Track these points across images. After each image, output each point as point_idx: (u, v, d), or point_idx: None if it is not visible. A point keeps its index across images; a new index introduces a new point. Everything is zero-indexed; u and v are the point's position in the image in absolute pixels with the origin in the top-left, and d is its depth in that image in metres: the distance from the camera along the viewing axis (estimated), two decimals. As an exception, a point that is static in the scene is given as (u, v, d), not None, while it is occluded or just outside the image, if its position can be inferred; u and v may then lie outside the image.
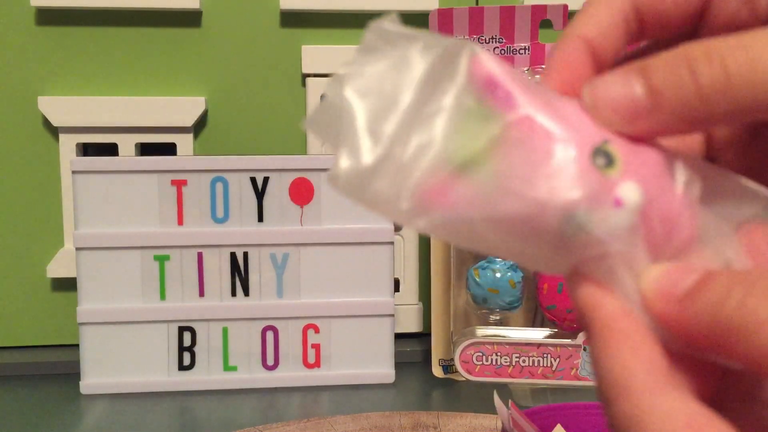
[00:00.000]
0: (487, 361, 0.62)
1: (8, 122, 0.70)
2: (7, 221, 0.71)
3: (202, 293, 0.64)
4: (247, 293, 0.64)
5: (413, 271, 0.73)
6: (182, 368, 0.64)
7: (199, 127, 0.72)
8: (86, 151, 0.71)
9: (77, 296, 0.63)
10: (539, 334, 0.63)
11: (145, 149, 0.72)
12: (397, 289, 0.67)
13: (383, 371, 0.65)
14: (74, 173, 0.62)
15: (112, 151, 0.70)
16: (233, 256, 0.64)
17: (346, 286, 0.65)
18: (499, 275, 0.62)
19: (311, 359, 0.65)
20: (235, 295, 0.64)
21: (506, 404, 0.41)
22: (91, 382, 0.63)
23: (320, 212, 0.64)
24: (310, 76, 0.71)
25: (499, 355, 0.62)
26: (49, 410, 0.60)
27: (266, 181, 0.63)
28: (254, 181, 0.63)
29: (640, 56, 0.20)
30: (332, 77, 0.18)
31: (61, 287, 0.72)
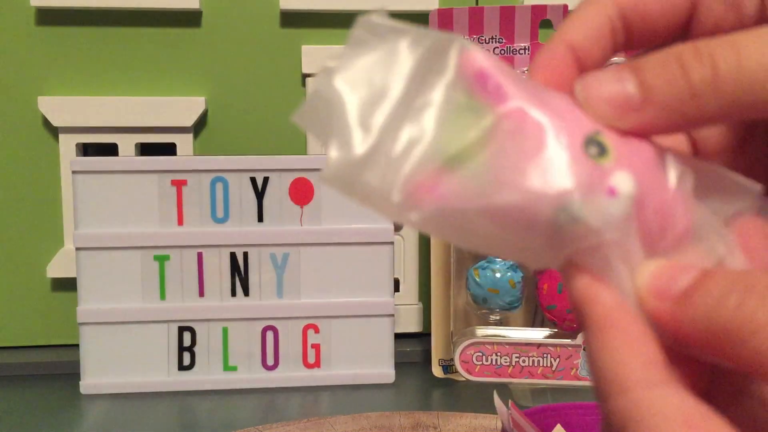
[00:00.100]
0: (487, 361, 0.62)
1: (8, 122, 0.70)
2: (7, 221, 0.71)
3: (202, 293, 0.64)
4: (247, 293, 0.64)
5: (413, 271, 0.73)
6: (182, 368, 0.64)
7: (199, 127, 0.72)
8: (86, 151, 0.71)
9: (77, 296, 0.63)
10: (539, 334, 0.63)
11: (145, 149, 0.72)
12: (397, 289, 0.67)
13: (383, 371, 0.65)
14: (74, 173, 0.62)
15: (112, 151, 0.70)
16: (233, 256, 0.64)
17: (346, 286, 0.65)
18: (499, 275, 0.62)
19: (311, 359, 0.65)
20: (235, 295, 0.64)
21: (506, 404, 0.41)
22: (91, 382, 0.63)
23: (320, 212, 0.64)
24: (310, 76, 0.71)
25: (499, 355, 0.62)
26: (49, 410, 0.60)
27: (266, 181, 0.63)
28: (254, 181, 0.63)
29: None
30: (321, 70, 0.18)
31: (61, 287, 0.72)
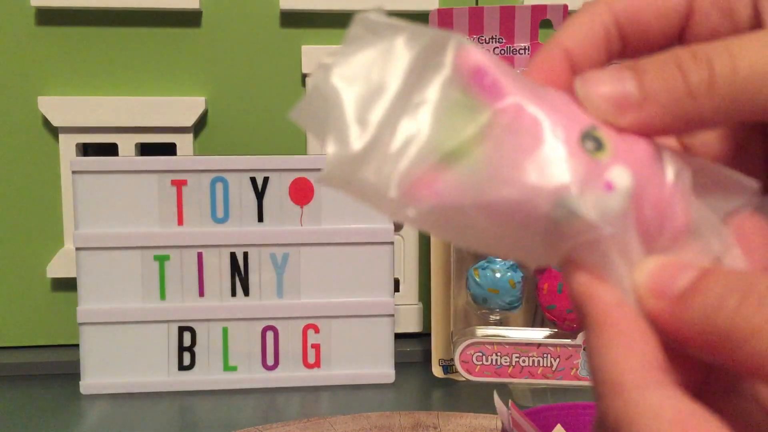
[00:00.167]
0: (487, 361, 0.62)
1: (8, 122, 0.70)
2: (7, 221, 0.71)
3: (202, 293, 0.64)
4: (247, 293, 0.64)
5: (413, 271, 0.73)
6: (182, 368, 0.64)
7: (199, 127, 0.72)
8: (86, 151, 0.71)
9: (77, 296, 0.63)
10: (539, 334, 0.63)
11: (145, 149, 0.72)
12: (397, 289, 0.67)
13: (383, 371, 0.65)
14: (74, 173, 0.62)
15: (112, 151, 0.70)
16: (233, 256, 0.64)
17: (346, 286, 0.65)
18: (499, 275, 0.62)
19: (311, 359, 0.65)
20: (235, 295, 0.64)
21: (506, 404, 0.41)
22: (91, 382, 0.63)
23: (320, 212, 0.64)
24: (310, 76, 0.71)
25: (499, 355, 0.62)
26: (49, 410, 0.60)
27: (266, 181, 0.63)
28: (254, 181, 0.63)
29: None
30: (318, 67, 0.18)
31: (61, 287, 0.72)
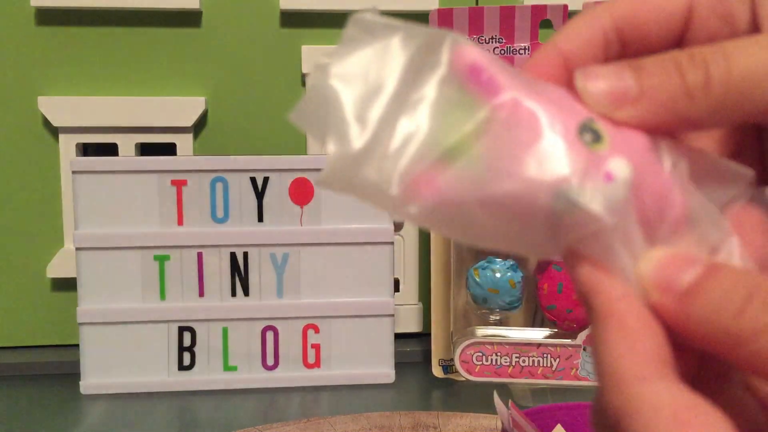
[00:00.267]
0: (487, 361, 0.62)
1: (8, 122, 0.70)
2: (7, 221, 0.71)
3: (202, 293, 0.64)
4: (247, 293, 0.64)
5: (413, 271, 0.73)
6: (182, 368, 0.64)
7: (199, 127, 0.72)
8: (86, 151, 0.71)
9: (77, 296, 0.63)
10: (539, 334, 0.63)
11: (145, 149, 0.72)
12: (397, 289, 0.67)
13: (383, 371, 0.65)
14: (74, 173, 0.62)
15: (112, 151, 0.70)
16: (233, 256, 0.64)
17: (346, 286, 0.65)
18: (499, 275, 0.62)
19: (311, 359, 0.65)
20: (235, 295, 0.64)
21: (506, 404, 0.41)
22: (91, 382, 0.63)
23: (320, 212, 0.64)
24: (309, 76, 0.71)
25: (499, 355, 0.62)
26: (49, 410, 0.60)
27: (266, 181, 0.63)
28: (254, 181, 0.63)
29: None
30: (315, 67, 0.18)
31: (61, 287, 0.72)
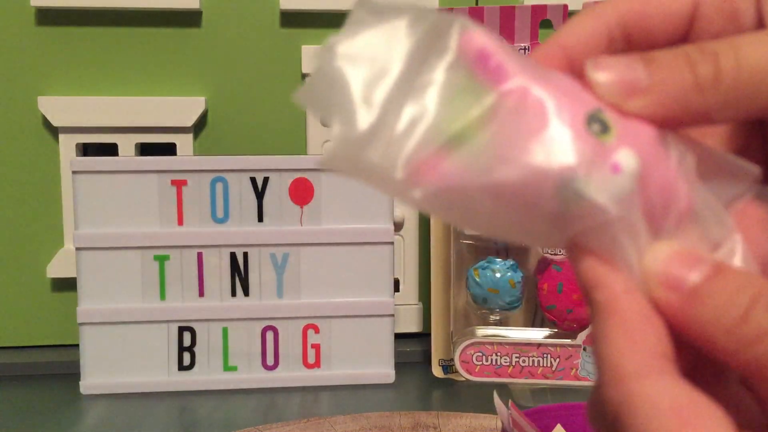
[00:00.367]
0: (487, 361, 0.62)
1: (8, 122, 0.70)
2: (7, 221, 0.71)
3: (202, 293, 0.64)
4: (247, 293, 0.64)
5: (413, 271, 0.73)
6: (182, 368, 0.64)
7: (199, 127, 0.72)
8: (86, 151, 0.71)
9: (77, 296, 0.63)
10: (539, 334, 0.63)
11: (145, 149, 0.72)
12: (397, 289, 0.67)
13: (383, 371, 0.65)
14: (74, 173, 0.62)
15: (112, 151, 0.70)
16: (233, 256, 0.64)
17: (346, 286, 0.65)
18: (499, 275, 0.62)
19: (311, 359, 0.65)
20: (235, 295, 0.64)
21: (506, 404, 0.41)
22: (91, 382, 0.63)
23: (320, 212, 0.64)
24: (309, 76, 0.71)
25: (499, 355, 0.62)
26: (49, 410, 0.60)
27: (266, 181, 0.63)
28: (254, 181, 0.63)
29: None
30: (322, 48, 0.18)
31: (61, 287, 0.72)
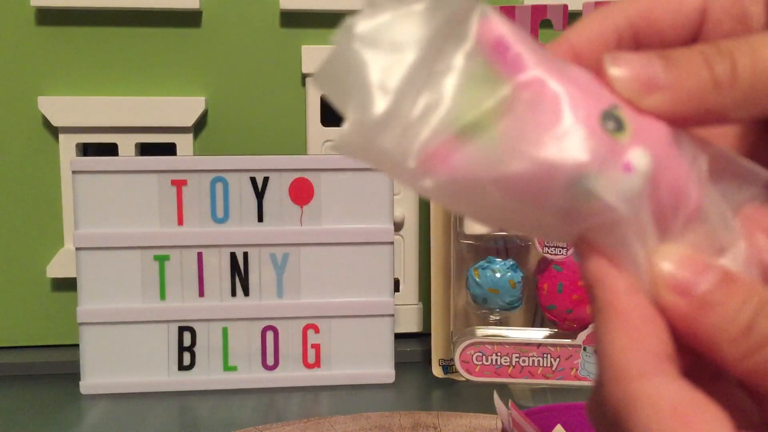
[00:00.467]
0: (487, 361, 0.62)
1: (8, 122, 0.70)
2: (7, 221, 0.71)
3: (202, 293, 0.64)
4: (247, 293, 0.64)
5: (413, 271, 0.73)
6: (182, 368, 0.64)
7: (199, 127, 0.72)
8: (86, 151, 0.71)
9: (77, 296, 0.63)
10: (539, 334, 0.63)
11: (145, 149, 0.72)
12: (397, 289, 0.67)
13: (383, 371, 0.65)
14: (74, 173, 0.62)
15: (112, 151, 0.70)
16: (233, 256, 0.64)
17: (346, 286, 0.65)
18: (499, 275, 0.62)
19: (311, 359, 0.65)
20: (235, 295, 0.64)
21: (506, 404, 0.41)
22: (91, 382, 0.63)
23: (320, 212, 0.64)
24: (310, 76, 0.71)
25: (499, 355, 0.62)
26: (49, 410, 0.60)
27: (266, 181, 0.63)
28: (254, 181, 0.63)
29: None
30: (340, 29, 0.18)
31: (61, 287, 0.72)
